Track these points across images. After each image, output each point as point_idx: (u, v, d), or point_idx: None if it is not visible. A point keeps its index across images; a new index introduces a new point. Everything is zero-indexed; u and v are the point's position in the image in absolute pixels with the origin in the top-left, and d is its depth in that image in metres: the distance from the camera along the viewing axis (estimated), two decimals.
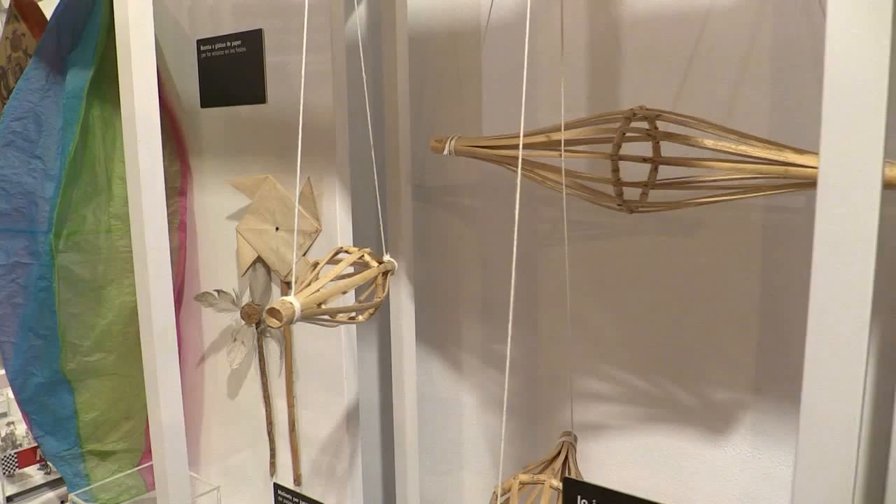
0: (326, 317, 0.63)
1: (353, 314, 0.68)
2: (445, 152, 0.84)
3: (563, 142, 0.73)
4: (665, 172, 0.71)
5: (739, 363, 0.91)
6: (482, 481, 1.18)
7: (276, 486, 1.15)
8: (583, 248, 1.00)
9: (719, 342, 0.91)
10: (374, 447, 1.28)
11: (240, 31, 1.06)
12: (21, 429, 1.53)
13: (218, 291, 1.10)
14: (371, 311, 0.70)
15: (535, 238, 1.06)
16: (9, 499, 1.33)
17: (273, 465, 1.14)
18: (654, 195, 0.74)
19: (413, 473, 1.12)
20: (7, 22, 1.53)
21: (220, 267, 1.17)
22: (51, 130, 1.14)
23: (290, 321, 0.56)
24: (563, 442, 0.86)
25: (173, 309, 0.78)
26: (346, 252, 0.70)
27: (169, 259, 0.77)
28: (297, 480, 1.11)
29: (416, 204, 1.13)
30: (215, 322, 1.19)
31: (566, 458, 0.84)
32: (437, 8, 1.10)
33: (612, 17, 0.94)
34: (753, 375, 0.91)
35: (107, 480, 1.18)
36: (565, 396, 1.06)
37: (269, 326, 0.55)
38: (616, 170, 0.70)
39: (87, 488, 1.17)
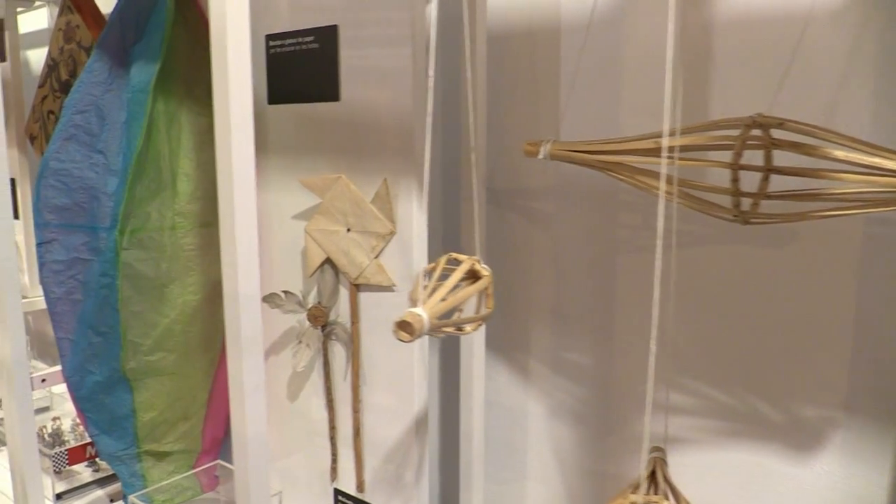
0: (451, 329, 0.61)
1: (462, 325, 0.65)
2: (541, 156, 0.81)
3: (666, 148, 0.70)
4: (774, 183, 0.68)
5: (830, 379, 0.88)
6: (546, 491, 1.16)
7: (337, 492, 1.13)
8: (665, 256, 0.97)
9: (809, 357, 0.88)
10: (432, 454, 1.25)
11: (312, 26, 1.04)
12: (67, 423, 1.52)
13: (285, 292, 1.07)
14: (480, 322, 0.67)
15: (613, 244, 1.03)
16: (58, 496, 1.32)
17: (334, 470, 1.12)
18: (766, 206, 0.71)
19: (478, 483, 1.10)
20: (61, 13, 1.51)
21: (282, 267, 1.14)
22: (113, 124, 1.11)
23: (420, 335, 0.54)
24: (655, 458, 0.83)
25: (260, 314, 0.75)
26: (457, 260, 0.67)
27: (258, 262, 0.74)
28: (360, 487, 1.09)
29: (487, 207, 1.11)
30: (276, 323, 1.17)
31: (658, 474, 0.81)
32: (514, 7, 1.08)
33: (704, 17, 0.91)
34: (845, 393, 0.88)
35: (165, 483, 1.16)
36: (639, 407, 1.03)
37: (400, 340, 0.53)
38: (736, 179, 0.67)
39: (146, 490, 1.15)
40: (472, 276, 0.70)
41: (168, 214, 1.08)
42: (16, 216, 1.74)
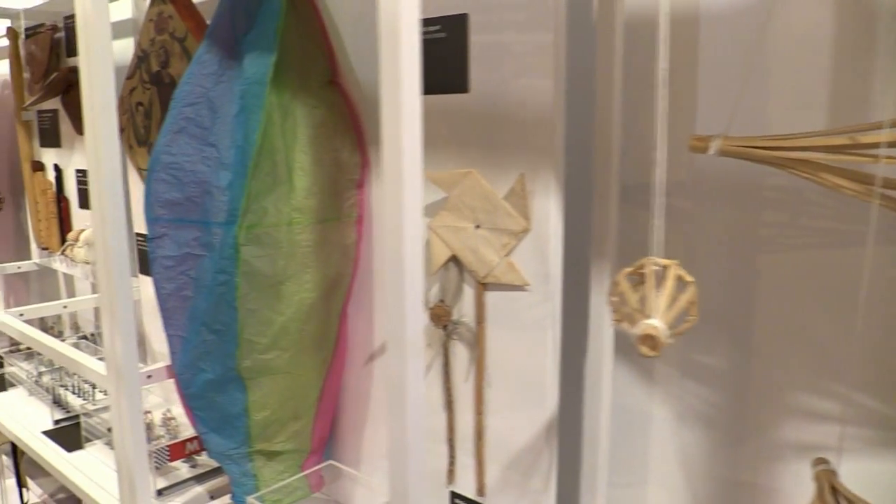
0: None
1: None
2: (711, 152, 0.77)
3: (868, 144, 0.65)
4: None
5: None
6: (669, 497, 1.12)
7: (454, 495, 1.10)
8: (814, 255, 0.92)
9: None
10: None
11: (439, 14, 1.00)
12: (157, 417, 1.51)
13: None
14: (684, 332, 0.63)
15: (754, 243, 0.98)
16: (158, 492, 1.30)
17: (452, 472, 1.09)
18: None
19: (602, 489, 1.06)
20: (152, 4, 1.48)
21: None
22: (225, 117, 1.09)
23: (662, 347, 0.50)
24: (824, 471, 0.78)
25: (423, 318, 0.72)
26: (659, 265, 0.63)
27: (422, 264, 0.71)
28: (481, 491, 1.06)
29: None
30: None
31: (826, 488, 0.77)
32: None
33: (866, 3, 0.85)
34: None
35: (281, 484, 1.14)
36: (780, 413, 0.98)
37: (642, 356, 0.49)
38: None
39: (262, 492, 1.13)
40: (677, 281, 0.66)
41: (285, 210, 1.05)
42: None
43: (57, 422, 1.59)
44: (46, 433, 1.55)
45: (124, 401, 1.13)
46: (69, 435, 1.53)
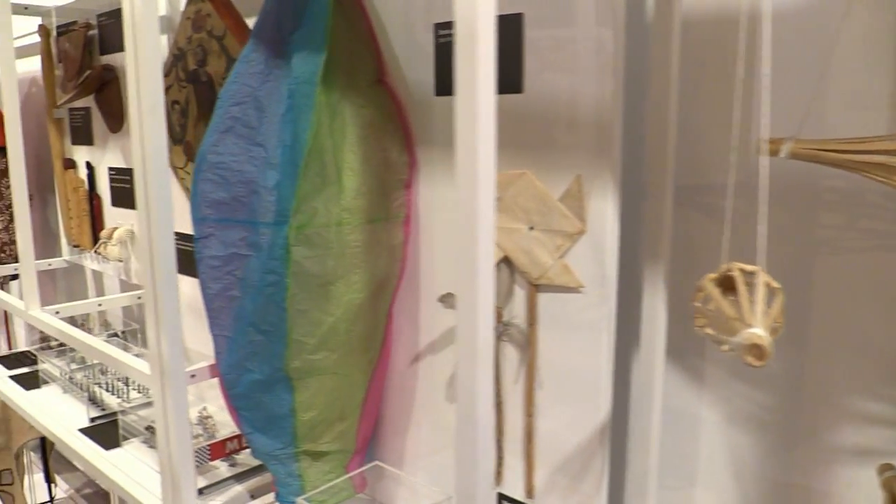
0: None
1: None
2: (782, 155, 0.76)
3: None
4: None
5: None
6: (717, 500, 1.11)
7: (501, 496, 1.09)
8: (873, 258, 0.91)
9: None
10: None
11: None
12: (193, 415, 1.51)
13: None
14: None
15: (810, 245, 0.97)
16: (199, 491, 1.30)
17: (499, 474, 1.09)
18: None
19: (653, 492, 1.06)
20: (190, 2, 1.48)
21: (445, 264, 1.11)
22: (272, 116, 1.08)
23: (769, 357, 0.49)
24: (893, 477, 0.77)
25: (493, 323, 0.71)
26: (745, 271, 0.62)
27: (494, 267, 0.70)
28: (530, 493, 1.06)
29: None
30: (435, 321, 1.14)
31: None
32: None
33: None
34: None
35: (329, 484, 1.14)
36: (836, 417, 0.98)
37: (750, 365, 0.48)
38: None
39: (311, 494, 1.13)
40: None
41: (334, 210, 1.05)
42: (133, 206, 1.74)
43: (93, 419, 1.59)
44: (83, 431, 1.55)
45: (170, 400, 1.13)
46: (106, 433, 1.53)
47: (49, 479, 2.36)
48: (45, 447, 2.33)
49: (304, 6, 1.08)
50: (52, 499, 2.37)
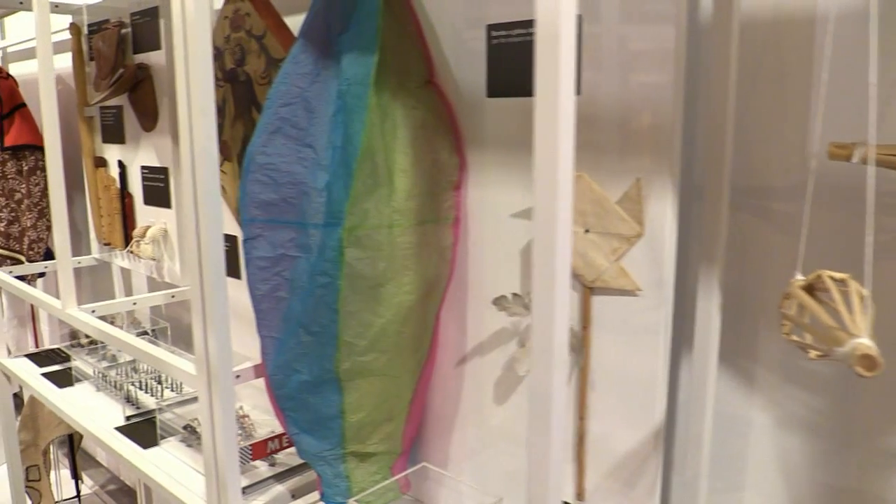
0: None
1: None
2: (854, 160, 0.75)
3: None
4: None
5: None
6: (767, 503, 1.11)
7: None
8: None
9: None
10: None
11: None
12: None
13: (513, 295, 1.03)
14: None
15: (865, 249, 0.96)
16: (241, 491, 1.30)
17: None
18: None
19: (703, 496, 1.06)
20: (228, 1, 1.48)
21: (493, 266, 1.11)
22: (321, 117, 1.08)
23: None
24: None
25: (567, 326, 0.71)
26: (835, 279, 0.62)
27: (570, 270, 0.70)
28: (581, 495, 1.05)
29: None
30: (482, 322, 1.13)
31: None
32: None
33: None
34: None
35: (377, 487, 1.14)
36: (891, 421, 0.97)
37: (860, 375, 0.48)
38: None
39: (361, 495, 1.13)
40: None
41: (386, 212, 1.05)
42: (168, 205, 1.74)
43: (128, 418, 1.59)
44: (119, 429, 1.55)
45: (217, 401, 1.13)
46: (143, 431, 1.53)
47: (76, 476, 2.37)
48: (73, 443, 2.34)
49: (354, 7, 1.08)
50: (79, 495, 2.38)
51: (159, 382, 1.74)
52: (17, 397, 2.53)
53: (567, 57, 0.66)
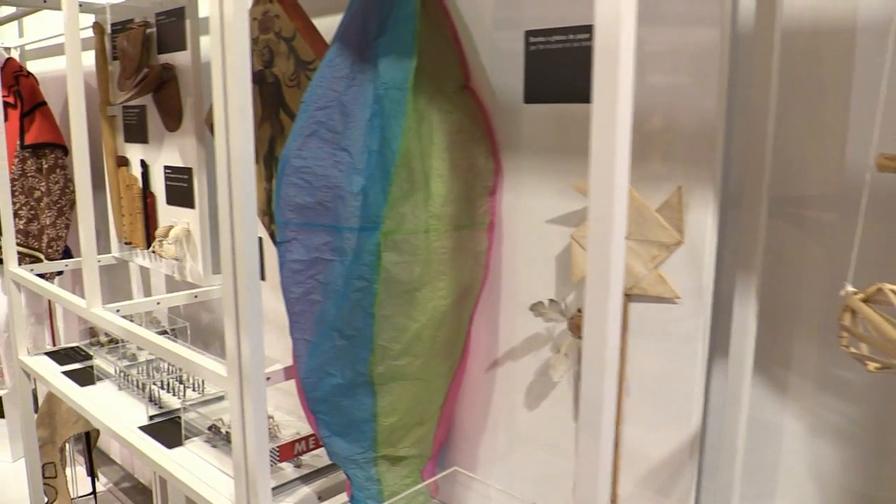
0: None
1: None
2: None
3: None
4: None
5: None
6: None
7: None
8: None
9: None
10: None
11: (588, 23, 0.98)
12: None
13: (550, 301, 1.03)
14: None
15: None
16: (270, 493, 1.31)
17: None
18: None
19: (735, 502, 1.06)
20: (256, 2, 1.48)
21: (527, 271, 1.11)
22: (357, 121, 1.08)
23: None
24: None
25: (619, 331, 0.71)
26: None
27: (622, 280, 0.70)
28: (614, 501, 1.06)
29: None
30: (515, 327, 1.14)
31: None
32: (797, 4, 1.01)
33: None
34: None
35: (410, 491, 1.14)
36: None
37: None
38: None
39: (394, 499, 1.13)
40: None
41: (422, 217, 1.05)
42: (191, 205, 1.74)
43: (151, 417, 1.60)
44: (143, 429, 1.56)
45: (249, 403, 1.13)
46: (167, 431, 1.54)
47: (93, 474, 2.37)
48: (90, 441, 2.35)
49: (390, 11, 1.08)
50: (94, 493, 2.39)
51: (180, 382, 1.75)
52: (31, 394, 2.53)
53: (626, 65, 0.66)
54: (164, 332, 1.95)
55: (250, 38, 1.48)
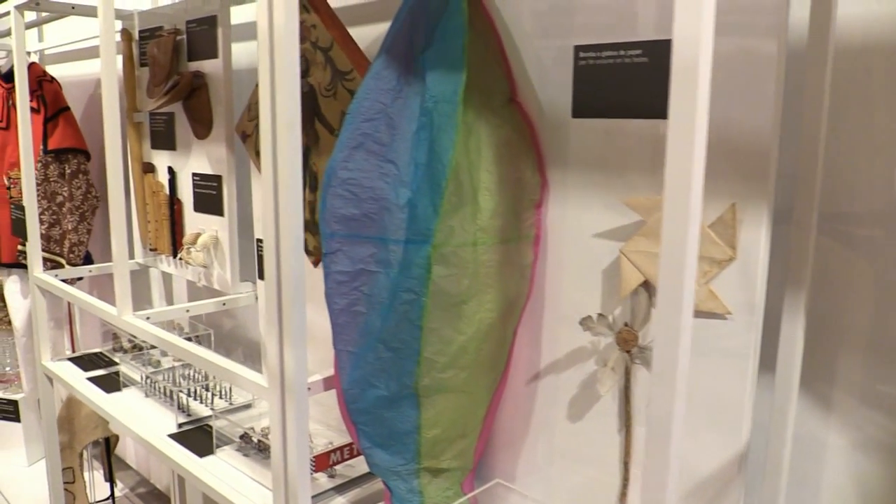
0: None
1: None
2: None
3: None
4: None
5: None
6: None
7: None
8: None
9: None
10: None
11: (640, 39, 0.99)
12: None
13: (599, 315, 1.04)
14: None
15: None
16: None
17: (625, 496, 1.09)
18: None
19: None
20: None
21: (571, 285, 1.11)
22: (403, 134, 1.08)
23: None
24: None
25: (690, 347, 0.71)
26: None
27: (693, 297, 0.70)
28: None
29: None
30: (558, 340, 1.14)
31: None
32: (847, 21, 1.02)
33: None
34: None
35: (459, 502, 1.14)
36: None
37: None
38: None
39: None
40: None
41: (470, 230, 1.05)
42: (220, 213, 1.75)
43: (180, 425, 1.60)
44: (172, 436, 1.55)
45: (291, 413, 1.13)
46: (196, 439, 1.53)
47: (111, 479, 2.37)
48: (109, 446, 2.34)
49: (437, 24, 1.08)
50: (113, 497, 2.38)
51: (207, 389, 1.75)
52: None
53: (704, 82, 0.66)
54: (187, 339, 1.95)
55: None
